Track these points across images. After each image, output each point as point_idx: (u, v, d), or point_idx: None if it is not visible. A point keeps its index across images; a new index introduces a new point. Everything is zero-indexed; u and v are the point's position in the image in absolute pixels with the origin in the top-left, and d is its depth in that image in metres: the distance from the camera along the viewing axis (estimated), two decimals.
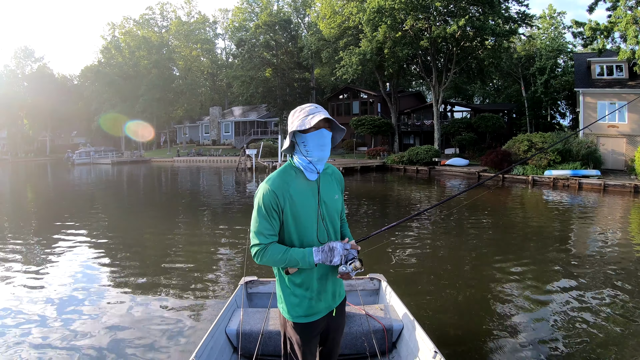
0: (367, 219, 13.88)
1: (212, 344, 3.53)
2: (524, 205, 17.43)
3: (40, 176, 37.81)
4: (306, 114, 2.29)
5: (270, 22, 49.90)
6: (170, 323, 5.51)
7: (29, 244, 10.26)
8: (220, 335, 3.75)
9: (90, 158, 52.89)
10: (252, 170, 34.04)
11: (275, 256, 2.23)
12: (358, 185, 24.52)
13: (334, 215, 2.44)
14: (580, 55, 33.17)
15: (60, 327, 5.39)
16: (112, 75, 57.96)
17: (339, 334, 2.62)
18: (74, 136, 74.81)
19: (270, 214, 2.24)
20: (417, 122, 44.16)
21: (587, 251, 9.61)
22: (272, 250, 2.24)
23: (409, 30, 33.61)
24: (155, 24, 71.48)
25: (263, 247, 2.23)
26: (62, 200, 20.21)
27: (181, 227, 12.73)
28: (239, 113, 59.65)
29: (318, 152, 2.29)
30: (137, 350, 4.79)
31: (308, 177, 2.35)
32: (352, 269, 2.30)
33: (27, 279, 7.34)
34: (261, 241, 2.24)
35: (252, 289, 4.68)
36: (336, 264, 2.29)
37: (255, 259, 2.26)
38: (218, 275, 7.71)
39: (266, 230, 2.25)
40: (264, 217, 2.24)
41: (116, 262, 8.64)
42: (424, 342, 3.40)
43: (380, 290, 4.73)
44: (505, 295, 6.52)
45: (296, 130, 2.26)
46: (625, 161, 25.73)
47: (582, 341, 4.95)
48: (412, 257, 8.90)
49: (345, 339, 3.67)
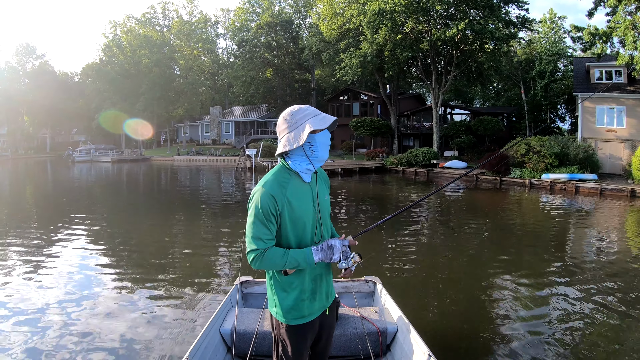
0: (365, 220, 14.00)
1: (206, 344, 3.53)
2: (520, 208, 17.56)
3: (40, 173, 37.91)
4: (315, 114, 2.28)
5: (272, 22, 50.16)
6: (165, 322, 5.51)
7: (27, 240, 10.32)
8: (215, 334, 3.75)
9: (91, 156, 53.01)
10: (252, 170, 34.17)
11: (275, 260, 2.19)
12: (357, 186, 24.71)
13: (326, 216, 2.46)
14: (579, 59, 33.34)
15: (53, 324, 5.41)
16: (113, 73, 58.03)
17: (331, 333, 2.63)
18: (74, 134, 74.78)
19: (268, 218, 2.19)
20: (416, 124, 44.26)
21: (584, 255, 9.64)
22: (271, 254, 2.19)
23: (409, 32, 33.80)
24: (157, 23, 71.58)
25: (261, 252, 2.18)
26: (62, 197, 20.32)
27: (178, 226, 12.80)
28: (239, 113, 59.76)
29: (323, 152, 2.31)
30: (131, 349, 4.80)
31: (304, 179, 2.33)
32: (352, 264, 2.33)
33: (23, 276, 7.41)
34: (259, 246, 2.19)
35: (247, 289, 4.69)
36: (336, 261, 2.31)
37: (253, 264, 2.21)
38: (213, 274, 7.72)
39: (264, 235, 2.20)
40: (262, 222, 2.19)
41: (111, 260, 8.70)
42: (418, 345, 3.41)
43: (375, 293, 4.73)
44: (501, 299, 6.52)
45: (312, 129, 2.21)
46: (623, 166, 25.86)
47: (577, 347, 4.96)
48: (407, 259, 8.92)
49: (339, 341, 3.72)
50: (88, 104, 62.95)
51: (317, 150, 2.28)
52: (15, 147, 66.98)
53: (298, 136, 2.23)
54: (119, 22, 68.67)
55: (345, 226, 12.52)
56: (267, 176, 2.31)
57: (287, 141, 2.26)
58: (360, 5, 35.18)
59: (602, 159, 26.37)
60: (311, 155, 2.28)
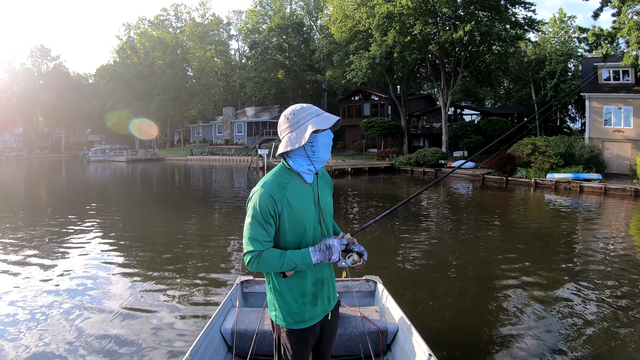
0: (370, 218, 14.10)
1: (207, 343, 3.54)
2: (525, 207, 17.84)
3: (56, 172, 38.76)
4: (317, 113, 2.23)
5: (283, 25, 50.81)
6: (165, 321, 5.51)
7: (40, 236, 10.76)
8: (215, 334, 3.75)
9: (106, 155, 54.17)
10: (264, 169, 34.76)
11: (271, 261, 2.14)
12: (366, 186, 25.25)
13: (328, 217, 2.40)
14: (587, 60, 33.47)
15: (52, 319, 5.53)
16: (127, 74, 59.17)
17: (332, 337, 2.56)
18: (88, 134, 76.04)
19: (266, 219, 2.14)
20: (426, 125, 44.58)
21: (588, 255, 9.47)
22: (267, 256, 2.13)
23: (417, 35, 34.25)
24: (170, 25, 72.78)
25: (257, 253, 2.12)
26: (80, 195, 20.85)
27: (186, 225, 12.94)
28: (251, 113, 60.43)
29: (324, 153, 2.26)
30: (131, 348, 4.81)
31: (306, 179, 2.28)
32: (351, 263, 2.29)
33: (30, 269, 7.73)
34: (256, 248, 2.13)
35: (248, 288, 4.67)
36: (335, 260, 2.25)
37: (250, 266, 2.15)
38: (214, 274, 7.70)
39: (261, 237, 2.14)
40: (260, 223, 2.14)
41: (116, 257, 8.81)
42: (419, 345, 3.39)
43: (376, 292, 4.71)
44: (502, 299, 6.47)
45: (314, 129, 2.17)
46: (630, 166, 25.99)
47: (580, 348, 4.92)
48: (408, 259, 8.91)
49: (340, 341, 3.73)
50: (102, 104, 64.09)
51: (319, 151, 2.24)
52: (30, 146, 68.30)
53: (300, 136, 2.18)
54: (132, 25, 70.02)
55: (353, 223, 12.82)
56: (266, 176, 2.25)
57: (289, 141, 2.21)
58: (369, 8, 35.65)
59: (609, 159, 26.56)
60: (312, 156, 2.24)
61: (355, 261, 2.28)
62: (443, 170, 30.13)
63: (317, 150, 2.23)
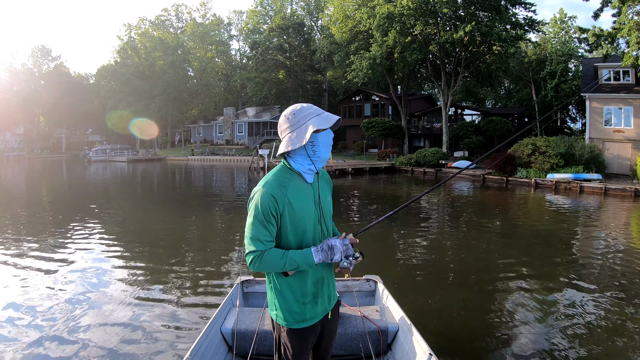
0: (371, 218, 14.25)
1: (207, 343, 3.54)
2: (525, 207, 17.87)
3: (57, 172, 38.79)
4: (318, 113, 2.23)
5: (284, 25, 50.89)
6: (166, 321, 5.51)
7: (40, 236, 10.73)
8: (216, 334, 3.75)
9: (107, 155, 54.16)
10: (265, 169, 34.76)
11: (274, 261, 2.14)
12: (366, 186, 25.27)
13: (328, 217, 2.40)
14: (588, 60, 33.49)
15: (52, 319, 5.53)
16: (128, 75, 59.27)
17: (333, 336, 2.56)
18: (89, 134, 76.10)
19: (268, 219, 2.13)
20: (427, 125, 44.61)
21: (588, 255, 9.49)
22: (269, 256, 2.13)
23: (418, 35, 34.28)
24: (171, 25, 72.93)
25: (259, 253, 2.13)
26: (81, 195, 20.90)
27: (187, 224, 12.95)
28: (252, 114, 60.45)
29: (325, 152, 2.26)
30: (131, 347, 4.81)
31: (307, 179, 2.28)
32: (355, 263, 2.30)
33: (30, 269, 7.74)
34: (258, 248, 2.13)
35: (248, 288, 4.66)
36: (337, 261, 2.26)
37: (252, 266, 2.15)
38: (214, 274, 7.70)
39: (263, 237, 2.14)
40: (262, 223, 2.13)
41: (116, 257, 8.84)
42: (419, 345, 3.39)
43: (377, 292, 4.71)
44: (503, 299, 6.48)
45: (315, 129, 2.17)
46: (630, 166, 25.99)
47: (580, 348, 4.91)
48: (409, 258, 8.90)
49: (340, 340, 3.72)
50: (103, 104, 64.25)
51: (319, 150, 2.24)
52: (31, 146, 68.40)
53: (301, 136, 2.18)
54: (133, 25, 70.13)
55: (354, 223, 12.87)
56: (267, 176, 2.25)
57: (289, 141, 2.21)
58: (370, 9, 35.68)
59: (609, 159, 26.57)
60: (313, 155, 2.24)
61: (357, 261, 2.30)
62: (443, 171, 30.17)
63: (317, 150, 2.23)
